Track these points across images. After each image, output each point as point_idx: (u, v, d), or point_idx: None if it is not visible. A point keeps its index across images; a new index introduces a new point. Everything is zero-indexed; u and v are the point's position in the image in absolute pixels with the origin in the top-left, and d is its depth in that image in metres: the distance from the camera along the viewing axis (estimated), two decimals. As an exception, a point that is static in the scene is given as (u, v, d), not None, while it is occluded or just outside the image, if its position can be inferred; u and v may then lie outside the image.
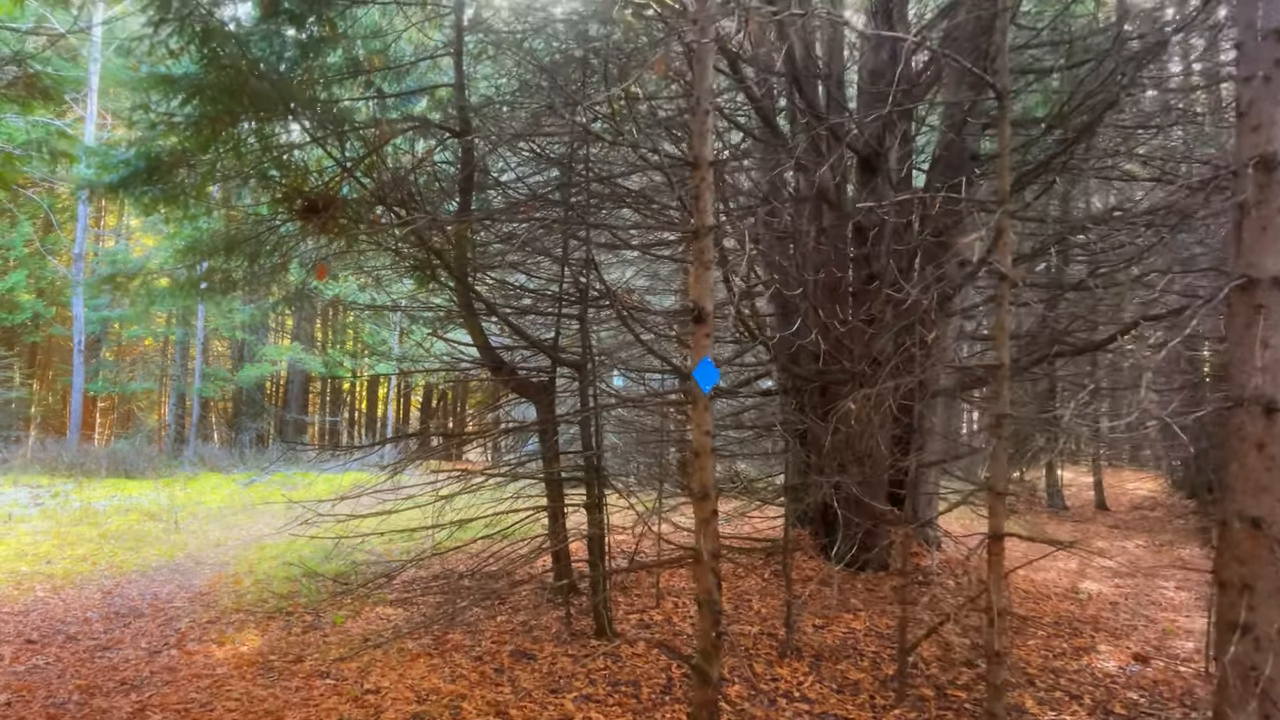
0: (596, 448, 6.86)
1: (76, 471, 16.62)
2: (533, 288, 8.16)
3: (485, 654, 6.21)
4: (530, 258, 8.18)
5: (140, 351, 28.71)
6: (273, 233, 8.83)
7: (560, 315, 7.62)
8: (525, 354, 8.54)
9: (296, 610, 7.22)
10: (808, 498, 9.40)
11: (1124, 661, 6.66)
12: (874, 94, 8.55)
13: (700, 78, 5.03)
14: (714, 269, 5.04)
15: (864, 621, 7.37)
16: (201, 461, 20.09)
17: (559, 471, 7.13)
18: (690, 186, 5.07)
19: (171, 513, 12.55)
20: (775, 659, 6.28)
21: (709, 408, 5.11)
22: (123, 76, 6.11)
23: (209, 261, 8.54)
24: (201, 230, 8.89)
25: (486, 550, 8.65)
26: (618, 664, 6.09)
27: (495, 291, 8.48)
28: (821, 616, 7.46)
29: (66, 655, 6.07)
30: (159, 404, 28.55)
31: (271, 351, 25.41)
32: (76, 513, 12.28)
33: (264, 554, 9.84)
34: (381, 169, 7.19)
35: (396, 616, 7.24)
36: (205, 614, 7.15)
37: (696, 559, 5.00)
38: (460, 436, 8.11)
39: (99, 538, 10.51)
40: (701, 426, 5.06)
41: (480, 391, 36.69)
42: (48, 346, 28.19)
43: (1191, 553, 12.16)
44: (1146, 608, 8.71)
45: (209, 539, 11.02)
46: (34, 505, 12.90)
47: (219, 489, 16.38)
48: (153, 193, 7.32)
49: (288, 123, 6.97)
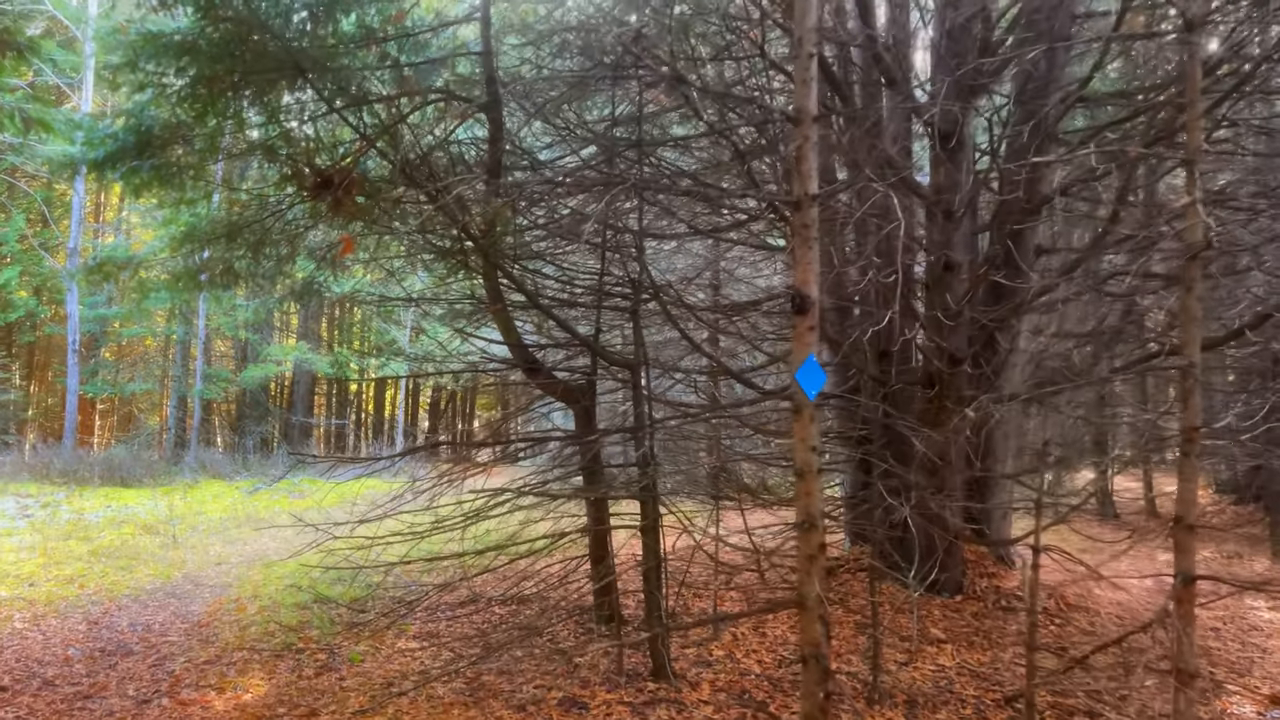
0: (652, 461, 5.95)
1: (70, 479, 15.72)
2: (567, 279, 7.26)
3: (528, 702, 5.31)
4: (568, 245, 7.29)
5: (141, 351, 27.84)
6: (278, 219, 8.00)
7: (601, 308, 6.74)
8: (559, 354, 7.67)
9: (308, 646, 6.32)
10: (866, 510, 8.54)
11: (1263, 705, 5.76)
12: (951, 58, 7.64)
13: (803, 14, 4.15)
14: (817, 247, 4.14)
15: (951, 656, 6.47)
16: (203, 468, 19.18)
17: (607, 489, 6.24)
18: (791, 146, 4.17)
19: (169, 525, 11.66)
20: (864, 706, 5.39)
21: (815, 418, 4.22)
22: (113, 42, 5.32)
23: (209, 250, 7.68)
24: (200, 217, 8.02)
25: (520, 572, 7.78)
26: (683, 714, 5.20)
27: (529, 282, 7.61)
28: (902, 650, 6.56)
29: (41, 706, 5.18)
30: (160, 406, 27.67)
31: (277, 351, 24.48)
32: (67, 525, 11.39)
33: (270, 575, 8.95)
34: (403, 143, 6.31)
35: (422, 653, 6.34)
36: (203, 651, 6.26)
37: (801, 604, 4.12)
38: (494, 445, 7.22)
39: (89, 555, 9.63)
40: (806, 441, 4.17)
41: (489, 394, 35.87)
42: (47, 347, 27.31)
43: (1265, 566, 11.25)
44: (1250, 634, 7.80)
45: (209, 556, 10.13)
46: (21, 517, 12.02)
47: (221, 498, 15.49)
48: (144, 170, 6.44)
49: (296, 88, 6.09)
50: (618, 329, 8.11)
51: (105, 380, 23.54)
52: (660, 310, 6.25)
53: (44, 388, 28.67)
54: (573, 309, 6.65)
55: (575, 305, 6.53)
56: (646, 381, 6.08)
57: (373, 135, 5.70)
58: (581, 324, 8.38)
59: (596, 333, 6.72)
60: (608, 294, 6.81)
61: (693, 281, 8.09)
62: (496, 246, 6.11)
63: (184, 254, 7.77)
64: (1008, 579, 8.26)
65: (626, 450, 7.37)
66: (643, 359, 6.04)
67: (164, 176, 6.76)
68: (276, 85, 5.90)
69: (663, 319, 6.42)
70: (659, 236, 7.04)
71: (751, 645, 6.75)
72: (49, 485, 15.09)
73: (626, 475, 6.88)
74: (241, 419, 25.81)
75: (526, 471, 7.55)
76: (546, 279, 7.27)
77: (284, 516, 13.37)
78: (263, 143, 6.13)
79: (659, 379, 8.95)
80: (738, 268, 9.38)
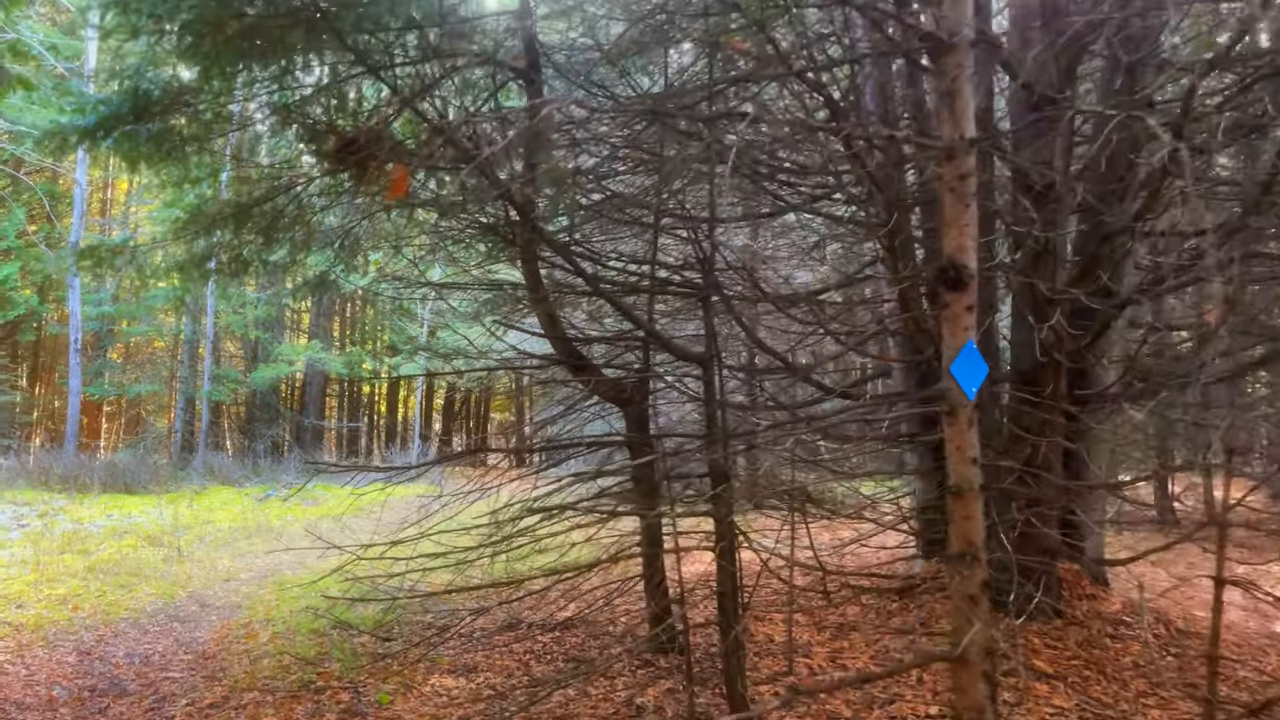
0: (727, 470, 5.10)
1: (70, 485, 14.91)
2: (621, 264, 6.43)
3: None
4: (616, 227, 6.47)
5: (149, 352, 27.09)
6: (293, 199, 7.21)
7: (659, 293, 5.92)
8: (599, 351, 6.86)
9: (328, 684, 5.48)
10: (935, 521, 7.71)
11: None
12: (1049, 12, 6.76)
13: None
14: (975, 205, 3.29)
15: (1065, 697, 5.59)
16: (211, 473, 18.36)
17: (670, 503, 5.39)
18: (944, 79, 3.32)
19: (174, 536, 10.85)
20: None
21: (974, 421, 3.37)
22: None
23: (218, 235, 6.87)
24: (206, 198, 7.21)
25: (563, 593, 6.97)
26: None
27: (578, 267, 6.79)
28: (1009, 688, 5.69)
29: (15, 763, 4.36)
30: (167, 409, 26.89)
31: (288, 350, 23.63)
32: (64, 537, 10.57)
33: (283, 594, 8.12)
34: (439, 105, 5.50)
35: (460, 690, 5.49)
36: (208, 690, 5.42)
37: (959, 659, 3.27)
38: (540, 450, 6.37)
39: (86, 571, 8.81)
40: (964, 451, 3.32)
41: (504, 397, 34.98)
42: (53, 347, 26.56)
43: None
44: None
45: (217, 571, 9.31)
46: (16, 527, 11.21)
47: (229, 505, 14.67)
48: (142, 138, 5.63)
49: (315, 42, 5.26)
50: (665, 321, 7.29)
51: (111, 382, 22.78)
52: (738, 298, 5.41)
53: (49, 390, 27.91)
54: (633, 295, 5.79)
55: (637, 291, 5.67)
56: (719, 379, 5.23)
57: (409, 95, 4.86)
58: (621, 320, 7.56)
59: (649, 323, 5.89)
60: (665, 281, 5.99)
61: (768, 264, 7.23)
62: (546, 219, 5.28)
63: (188, 239, 6.97)
64: (1108, 601, 7.36)
65: (684, 459, 6.54)
66: (715, 352, 5.20)
67: (165, 148, 5.96)
68: (292, 35, 5.08)
69: (727, 310, 5.57)
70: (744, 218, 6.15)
71: (829, 677, 5.89)
72: (48, 492, 14.28)
73: (694, 487, 6.04)
74: (251, 422, 24.95)
75: (563, 481, 6.73)
76: (591, 262, 6.43)
77: (296, 526, 12.56)
78: (277, 103, 5.30)
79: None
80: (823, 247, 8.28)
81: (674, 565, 8.15)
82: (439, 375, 20.46)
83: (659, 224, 5.65)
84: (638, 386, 6.09)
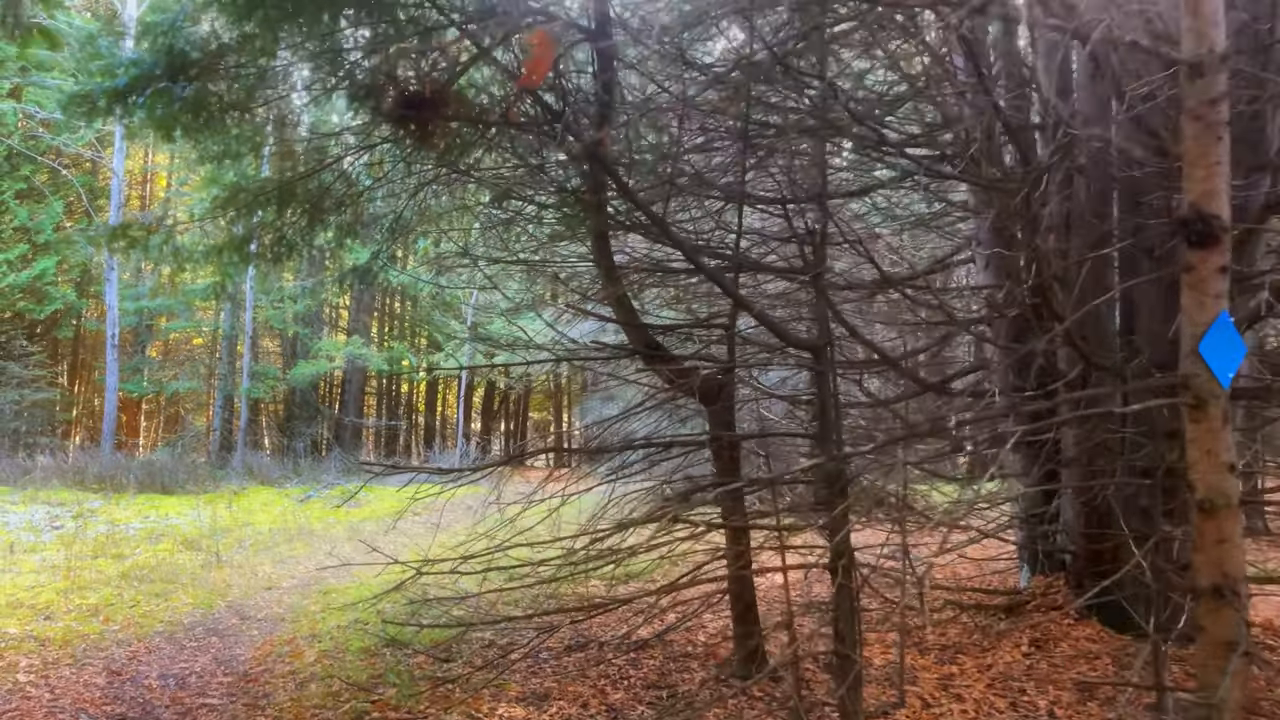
0: (840, 473, 4.39)
1: (107, 485, 14.48)
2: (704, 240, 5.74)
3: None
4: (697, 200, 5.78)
5: (188, 349, 26.80)
6: (341, 178, 6.64)
7: (767, 270, 5.22)
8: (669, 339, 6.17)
9: (384, 714, 4.84)
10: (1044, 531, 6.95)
11: None
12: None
13: None
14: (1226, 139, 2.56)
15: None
16: (250, 473, 17.90)
17: (779, 515, 4.69)
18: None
19: (213, 540, 10.31)
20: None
21: (1230, 417, 2.63)
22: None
23: (260, 213, 6.29)
24: (247, 176, 6.62)
25: (635, 610, 6.33)
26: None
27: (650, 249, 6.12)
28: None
29: (31, 812, 3.76)
30: (206, 407, 26.56)
31: (328, 346, 23.16)
32: (99, 540, 10.08)
33: (329, 604, 7.52)
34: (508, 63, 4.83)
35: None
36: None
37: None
38: (621, 450, 5.70)
39: (119, 577, 8.28)
40: (1217, 455, 2.58)
41: (543, 394, 34.33)
42: (93, 345, 26.34)
43: None
44: None
45: (258, 578, 8.74)
46: (50, 529, 10.74)
47: (270, 506, 14.17)
48: (177, 98, 5.03)
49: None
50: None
51: (149, 379, 22.45)
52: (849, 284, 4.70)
53: (88, 388, 27.72)
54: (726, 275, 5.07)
55: (740, 269, 4.96)
56: (832, 369, 4.52)
57: (489, 44, 4.20)
58: (699, 304, 6.87)
59: (735, 309, 5.20)
60: (757, 262, 5.30)
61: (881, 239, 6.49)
62: (602, 209, 4.58)
63: (228, 219, 6.40)
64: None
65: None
66: (830, 338, 4.49)
67: (203, 117, 5.37)
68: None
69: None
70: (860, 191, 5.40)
71: (947, 708, 5.16)
72: (84, 492, 13.85)
73: (793, 496, 5.34)
74: (290, 420, 24.52)
75: (643, 488, 6.08)
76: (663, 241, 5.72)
77: (339, 529, 12.00)
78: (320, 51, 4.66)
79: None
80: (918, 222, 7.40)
81: (769, 582, 7.45)
82: (495, 368, 19.66)
83: (743, 197, 4.97)
84: (722, 382, 5.40)
